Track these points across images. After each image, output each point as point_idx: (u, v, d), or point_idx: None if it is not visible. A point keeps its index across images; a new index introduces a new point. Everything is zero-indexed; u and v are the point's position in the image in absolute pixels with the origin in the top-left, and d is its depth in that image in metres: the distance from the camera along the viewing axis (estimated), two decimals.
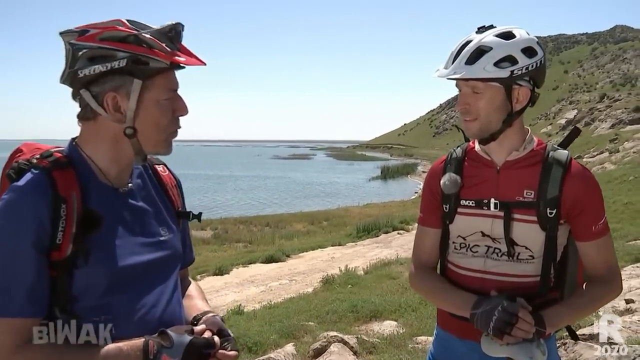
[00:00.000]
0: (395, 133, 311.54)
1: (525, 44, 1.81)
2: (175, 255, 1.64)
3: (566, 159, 1.87)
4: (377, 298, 8.03)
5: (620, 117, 56.78)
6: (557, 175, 1.84)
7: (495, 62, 1.76)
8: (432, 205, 2.08)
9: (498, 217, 1.90)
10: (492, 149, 1.94)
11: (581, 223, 1.87)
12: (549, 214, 1.83)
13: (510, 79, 1.78)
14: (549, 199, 1.83)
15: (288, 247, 19.98)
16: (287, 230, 27.16)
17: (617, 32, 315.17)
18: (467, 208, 1.96)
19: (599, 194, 1.90)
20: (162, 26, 1.45)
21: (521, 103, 1.85)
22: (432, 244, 2.10)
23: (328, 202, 44.02)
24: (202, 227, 26.66)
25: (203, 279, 14.45)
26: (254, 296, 12.02)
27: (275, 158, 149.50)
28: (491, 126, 1.85)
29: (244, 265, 16.38)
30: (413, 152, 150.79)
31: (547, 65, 1.92)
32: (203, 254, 20.29)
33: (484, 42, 1.80)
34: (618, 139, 43.32)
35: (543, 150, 1.92)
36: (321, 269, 14.58)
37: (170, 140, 1.55)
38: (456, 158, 2.04)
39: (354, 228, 24.19)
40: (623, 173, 26.28)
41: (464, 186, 1.97)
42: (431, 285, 2.08)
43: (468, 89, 1.84)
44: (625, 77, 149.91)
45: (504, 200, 1.88)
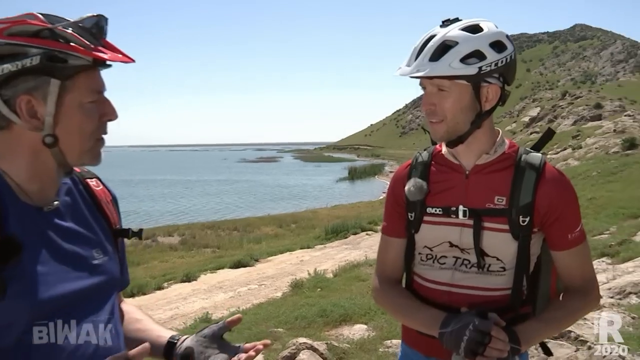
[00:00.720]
0: (362, 134, 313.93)
1: (493, 38, 1.67)
2: (110, 280, 1.43)
3: (540, 163, 1.74)
4: (347, 301, 7.94)
5: (582, 114, 57.89)
6: (530, 181, 1.71)
7: (462, 57, 1.62)
8: (396, 214, 1.93)
9: (467, 226, 1.75)
10: (460, 152, 1.80)
11: (556, 231, 1.74)
12: (522, 222, 1.70)
13: (479, 76, 1.64)
14: (521, 206, 1.69)
15: (256, 251, 19.85)
16: (256, 234, 26.99)
17: (577, 31, 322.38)
18: (433, 216, 1.81)
19: (574, 200, 1.78)
20: (82, 18, 1.27)
21: (491, 102, 1.71)
22: (396, 255, 1.95)
23: (296, 205, 43.99)
24: (170, 233, 26.48)
25: (170, 286, 14.31)
26: (222, 302, 11.88)
27: (242, 161, 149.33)
28: (459, 128, 1.71)
29: (212, 271, 16.20)
30: (380, 153, 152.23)
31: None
32: (171, 260, 20.14)
33: (449, 36, 1.65)
34: (580, 135, 44.09)
35: (515, 153, 1.78)
36: (290, 273, 14.48)
37: (98, 149, 1.36)
38: (422, 162, 1.89)
39: (323, 230, 24.14)
40: (586, 169, 26.72)
41: (431, 192, 1.81)
42: (396, 302, 1.92)
43: (433, 87, 1.69)
44: (586, 75, 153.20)
45: (474, 208, 1.74)
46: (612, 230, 11.85)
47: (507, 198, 1.72)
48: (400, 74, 1.71)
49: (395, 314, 2.00)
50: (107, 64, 1.31)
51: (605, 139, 38.52)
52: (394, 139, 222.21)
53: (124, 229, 1.55)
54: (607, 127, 43.32)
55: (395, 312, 1.97)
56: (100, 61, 1.28)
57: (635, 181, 19.41)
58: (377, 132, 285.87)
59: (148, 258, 20.88)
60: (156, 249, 23.20)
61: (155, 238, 25.07)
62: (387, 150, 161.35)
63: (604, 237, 10.52)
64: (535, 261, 1.81)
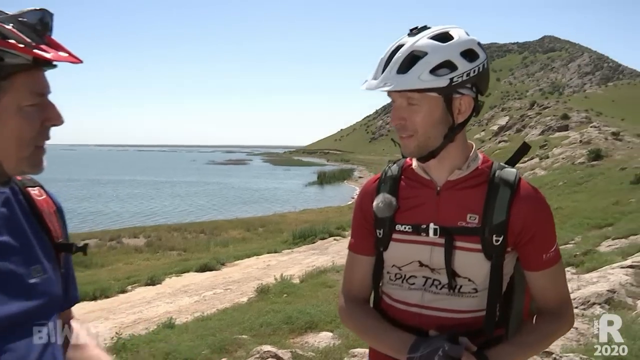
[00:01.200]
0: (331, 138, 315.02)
1: (465, 46, 1.56)
2: (50, 301, 1.28)
3: (514, 179, 1.64)
4: (313, 308, 7.90)
5: (550, 124, 58.85)
6: (504, 198, 1.61)
7: (432, 69, 1.51)
8: (364, 230, 1.81)
9: (438, 245, 1.64)
10: (432, 167, 1.69)
11: (530, 251, 1.64)
12: (495, 241, 1.59)
13: (450, 87, 1.53)
14: (495, 224, 1.60)
15: (223, 254, 19.67)
16: (223, 237, 26.81)
17: (546, 42, 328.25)
18: (403, 234, 1.69)
19: (550, 219, 1.68)
20: (22, 12, 1.15)
21: (464, 114, 1.61)
22: (364, 274, 1.84)
23: (265, 208, 43.85)
24: (135, 234, 26.16)
25: (134, 289, 14.08)
26: (187, 307, 11.73)
27: (211, 163, 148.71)
28: (430, 142, 1.60)
29: (177, 274, 16.00)
30: (349, 158, 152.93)
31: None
32: (135, 262, 19.88)
33: (417, 46, 1.54)
34: (547, 145, 44.85)
35: (489, 168, 1.68)
36: (256, 277, 14.42)
37: (38, 156, 1.22)
38: (391, 176, 1.78)
39: (290, 234, 24.06)
40: (553, 178, 27.17)
41: (400, 209, 1.71)
42: (363, 323, 1.80)
43: (402, 100, 1.58)
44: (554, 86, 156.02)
45: (445, 226, 1.63)
46: (577, 240, 12.03)
47: (480, 216, 1.62)
48: (366, 87, 1.59)
49: (362, 335, 1.89)
50: (52, 64, 1.19)
51: (572, 149, 39.22)
52: (364, 144, 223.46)
53: (67, 243, 1.40)
54: (574, 138, 44.14)
55: (362, 333, 1.86)
56: (42, 61, 1.15)
57: (600, 192, 19.77)
58: (347, 137, 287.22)
59: (112, 260, 20.55)
60: (121, 250, 22.86)
61: (120, 239, 24.76)
62: (357, 155, 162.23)
63: (569, 247, 10.66)
64: (508, 281, 1.73)
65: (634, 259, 8.43)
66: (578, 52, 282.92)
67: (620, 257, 8.74)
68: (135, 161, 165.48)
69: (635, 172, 20.64)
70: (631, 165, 25.00)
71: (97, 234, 26.70)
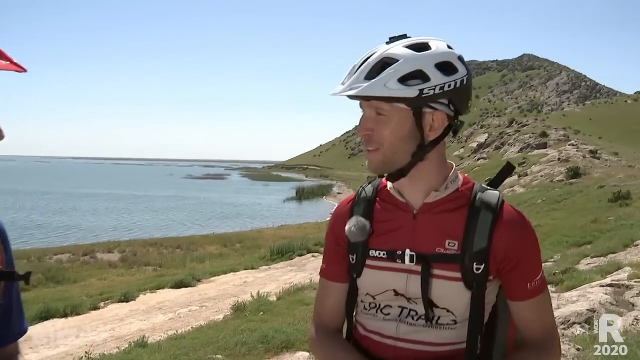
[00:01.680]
0: (311, 154, 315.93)
1: (441, 58, 1.46)
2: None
3: (497, 203, 1.52)
4: (289, 327, 7.79)
5: (528, 142, 59.48)
6: (486, 223, 1.50)
7: (401, 77, 1.41)
8: (337, 255, 1.69)
9: (414, 273, 1.53)
10: (406, 188, 1.58)
11: (514, 280, 1.53)
12: (476, 269, 1.48)
13: (420, 99, 1.42)
14: (475, 251, 1.48)
15: (199, 270, 19.50)
16: (199, 253, 26.58)
17: (525, 61, 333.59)
18: (377, 260, 1.58)
19: (535, 245, 1.56)
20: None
21: (436, 131, 1.50)
22: (336, 302, 1.72)
23: (242, 224, 43.62)
24: (110, 249, 25.80)
25: (107, 306, 13.82)
26: (161, 325, 11.53)
27: (189, 178, 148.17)
28: (397, 159, 1.50)
29: (152, 290, 15.78)
30: (329, 174, 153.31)
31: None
32: (109, 278, 19.59)
33: (389, 53, 1.45)
34: (526, 163, 45.29)
35: (469, 191, 1.57)
36: (233, 294, 14.28)
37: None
38: (365, 198, 1.67)
39: (268, 250, 23.91)
40: (532, 196, 27.38)
41: (374, 233, 1.59)
42: (333, 355, 1.68)
43: (371, 111, 1.49)
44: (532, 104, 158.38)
45: (422, 253, 1.52)
46: (556, 259, 12.06)
47: (460, 242, 1.50)
48: (333, 92, 1.49)
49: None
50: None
51: (551, 167, 39.64)
52: (343, 160, 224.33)
53: (8, 271, 1.27)
54: (552, 156, 44.62)
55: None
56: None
57: (579, 210, 19.94)
58: (326, 152, 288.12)
59: (85, 275, 20.20)
60: (95, 266, 22.46)
61: (94, 254, 24.36)
62: (336, 171, 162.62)
63: (549, 265, 10.65)
64: (490, 311, 1.61)
65: (613, 277, 8.45)
66: (556, 71, 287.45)
67: (600, 276, 8.74)
68: (112, 175, 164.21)
69: (613, 191, 20.82)
70: (609, 184, 25.25)
71: (71, 248, 26.25)
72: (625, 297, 6.98)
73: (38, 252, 24.82)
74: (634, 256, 10.53)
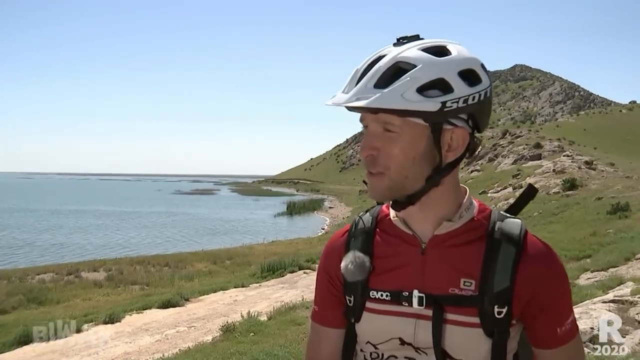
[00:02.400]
0: (301, 168, 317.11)
1: (465, 65, 1.25)
2: None
3: (519, 233, 1.31)
4: (281, 349, 7.62)
5: (522, 153, 59.63)
6: (508, 257, 1.28)
7: (420, 86, 1.19)
8: (331, 296, 1.49)
9: (424, 318, 1.32)
10: (413, 217, 1.36)
11: (542, 324, 1.32)
12: (497, 313, 1.26)
13: (441, 114, 1.21)
14: (496, 292, 1.27)
15: (188, 289, 19.19)
16: (188, 270, 26.22)
17: (517, 71, 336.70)
18: (379, 303, 1.36)
19: (566, 282, 1.35)
20: None
21: (455, 152, 1.29)
22: (331, 351, 1.49)
23: (232, 239, 43.30)
24: (95, 267, 25.52)
25: (90, 328, 13.48)
26: (147, 347, 11.28)
27: (178, 193, 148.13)
28: (408, 185, 1.28)
29: (138, 311, 15.45)
30: (320, 188, 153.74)
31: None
32: (94, 298, 19.27)
33: (404, 57, 1.23)
34: (520, 174, 45.39)
35: (486, 219, 1.36)
36: (222, 314, 14.06)
37: None
38: (363, 229, 1.45)
39: (259, 267, 23.60)
40: (528, 209, 26.93)
41: (375, 271, 1.38)
42: None
43: (377, 126, 1.27)
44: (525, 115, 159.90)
45: (433, 294, 1.31)
46: None
47: (478, 281, 1.29)
48: (333, 102, 1.26)
49: None
50: None
51: (546, 178, 39.69)
52: (334, 174, 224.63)
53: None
54: (547, 167, 44.77)
55: None
56: None
57: (577, 222, 19.87)
58: (317, 166, 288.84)
59: (69, 295, 19.80)
60: (79, 285, 22.11)
61: (79, 273, 24.01)
62: (327, 185, 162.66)
63: None
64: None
65: (615, 292, 8.32)
66: (549, 81, 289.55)
67: (601, 291, 8.62)
68: (98, 190, 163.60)
69: (611, 202, 20.79)
70: (607, 195, 25.27)
71: (54, 267, 25.87)
72: (630, 314, 6.82)
73: (19, 271, 24.46)
74: (636, 270, 10.42)
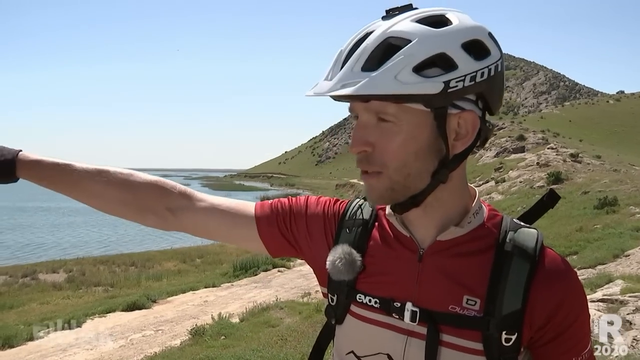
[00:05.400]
0: (275, 161, 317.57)
1: (469, 35, 1.06)
2: None
3: (535, 247, 1.13)
4: (253, 354, 7.55)
5: (505, 146, 60.01)
6: (521, 274, 1.10)
7: (417, 65, 1.01)
8: (286, 227, 1.36)
9: (416, 336, 1.14)
10: (415, 220, 1.20)
11: (555, 354, 1.15)
12: (505, 340, 1.08)
13: (445, 96, 1.03)
14: (505, 315, 1.08)
15: (155, 290, 18.99)
16: (156, 270, 25.93)
17: None
18: (366, 309, 1.20)
19: (585, 306, 1.17)
20: None
21: (464, 141, 1.11)
22: (230, 227, 1.40)
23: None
24: (54, 269, 25.01)
25: (48, 335, 13.04)
26: (110, 353, 11.09)
27: None
28: (411, 183, 1.11)
29: (101, 314, 15.18)
30: (295, 182, 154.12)
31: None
32: (53, 302, 18.88)
33: (395, 31, 1.04)
34: (503, 168, 45.66)
35: (497, 228, 1.18)
36: (192, 316, 13.97)
37: None
38: (361, 220, 1.29)
39: (231, 266, 23.52)
40: (511, 203, 27.48)
41: (366, 271, 1.22)
42: None
43: (369, 116, 1.09)
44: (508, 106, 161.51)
45: (429, 309, 1.14)
46: None
47: (483, 300, 1.11)
48: (315, 92, 1.07)
49: None
50: None
51: (530, 172, 39.97)
52: (310, 167, 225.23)
53: None
54: (531, 160, 45.09)
55: None
56: None
57: (562, 217, 19.98)
58: (292, 160, 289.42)
59: (25, 300, 19.27)
60: (36, 288, 21.59)
61: (35, 275, 23.46)
62: (303, 179, 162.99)
63: None
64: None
65: (604, 291, 8.36)
66: (533, 71, 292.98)
67: (589, 289, 8.66)
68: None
69: (598, 197, 20.94)
70: (594, 189, 25.48)
71: (7, 269, 25.11)
72: (620, 314, 6.85)
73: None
74: (625, 267, 10.49)
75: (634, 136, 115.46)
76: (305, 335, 8.67)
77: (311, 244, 1.33)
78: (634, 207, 18.44)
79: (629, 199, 20.45)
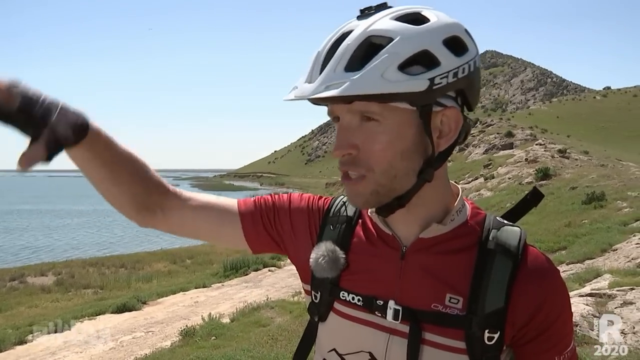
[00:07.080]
0: (265, 161, 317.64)
1: (449, 32, 1.06)
2: None
3: (518, 245, 1.13)
4: (244, 354, 7.55)
5: (494, 142, 60.11)
6: (503, 272, 1.10)
7: (402, 63, 1.00)
8: (270, 222, 1.37)
9: (398, 334, 1.15)
10: (397, 216, 1.18)
11: (537, 353, 1.15)
12: (488, 339, 1.09)
13: (430, 93, 1.03)
14: (487, 313, 1.09)
15: (145, 291, 18.97)
16: (146, 271, 25.84)
17: (488, 57, 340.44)
18: (349, 306, 1.20)
19: (568, 304, 1.17)
20: None
21: (448, 137, 1.12)
22: (215, 223, 1.41)
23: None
24: (43, 272, 24.81)
25: (36, 338, 13.01)
26: (100, 356, 11.05)
27: None
28: (397, 185, 1.11)
29: (90, 317, 15.13)
30: (284, 181, 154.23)
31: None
32: (41, 305, 18.75)
33: (376, 29, 1.03)
34: (492, 164, 45.75)
35: (480, 226, 1.18)
36: (183, 316, 13.94)
37: None
38: (345, 218, 1.29)
39: (221, 266, 23.49)
40: (500, 200, 27.53)
41: (349, 269, 1.22)
42: None
43: (352, 117, 1.08)
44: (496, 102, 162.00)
45: (411, 307, 1.14)
46: None
47: (466, 299, 1.11)
48: (296, 96, 1.06)
49: None
50: None
51: (518, 168, 40.09)
52: (300, 166, 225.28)
53: None
54: (519, 156, 45.20)
55: None
56: None
57: (551, 213, 20.05)
58: (281, 159, 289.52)
59: (13, 303, 19.13)
60: (24, 291, 21.42)
61: (24, 278, 23.28)
62: (292, 178, 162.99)
63: None
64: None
65: (592, 285, 8.40)
66: (521, 67, 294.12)
67: (578, 284, 8.70)
68: (47, 189, 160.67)
69: (586, 192, 20.97)
70: (582, 185, 25.54)
71: None
72: (608, 307, 6.89)
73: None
74: (613, 261, 10.53)
75: (620, 131, 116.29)
76: (296, 334, 8.67)
77: (295, 241, 1.34)
78: (621, 202, 18.51)
79: (616, 193, 20.52)
